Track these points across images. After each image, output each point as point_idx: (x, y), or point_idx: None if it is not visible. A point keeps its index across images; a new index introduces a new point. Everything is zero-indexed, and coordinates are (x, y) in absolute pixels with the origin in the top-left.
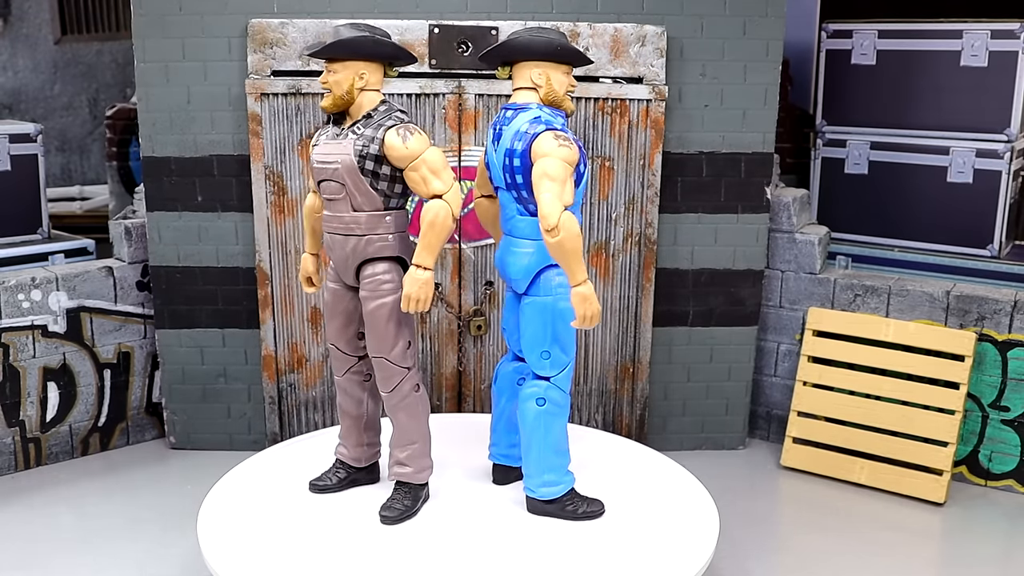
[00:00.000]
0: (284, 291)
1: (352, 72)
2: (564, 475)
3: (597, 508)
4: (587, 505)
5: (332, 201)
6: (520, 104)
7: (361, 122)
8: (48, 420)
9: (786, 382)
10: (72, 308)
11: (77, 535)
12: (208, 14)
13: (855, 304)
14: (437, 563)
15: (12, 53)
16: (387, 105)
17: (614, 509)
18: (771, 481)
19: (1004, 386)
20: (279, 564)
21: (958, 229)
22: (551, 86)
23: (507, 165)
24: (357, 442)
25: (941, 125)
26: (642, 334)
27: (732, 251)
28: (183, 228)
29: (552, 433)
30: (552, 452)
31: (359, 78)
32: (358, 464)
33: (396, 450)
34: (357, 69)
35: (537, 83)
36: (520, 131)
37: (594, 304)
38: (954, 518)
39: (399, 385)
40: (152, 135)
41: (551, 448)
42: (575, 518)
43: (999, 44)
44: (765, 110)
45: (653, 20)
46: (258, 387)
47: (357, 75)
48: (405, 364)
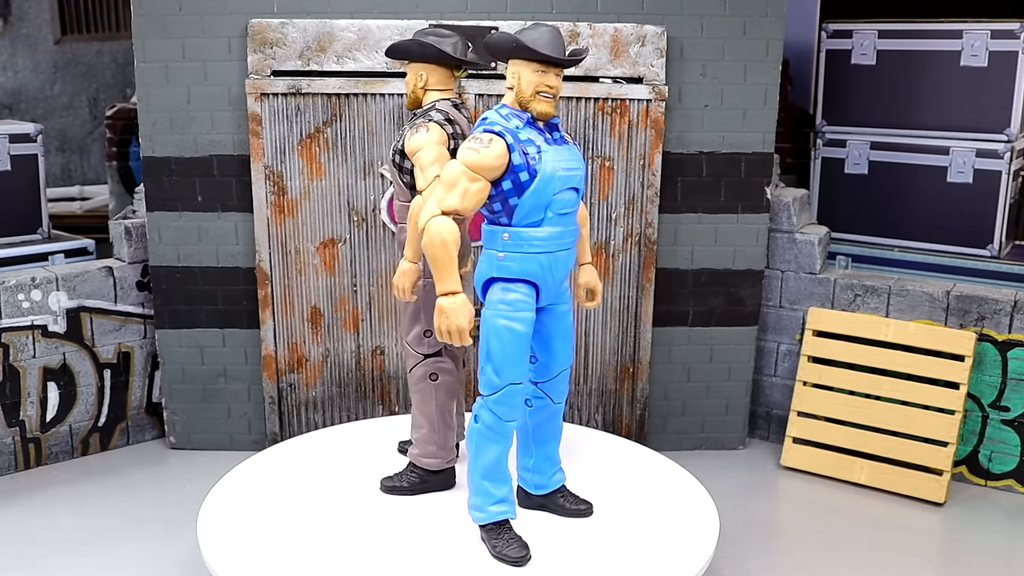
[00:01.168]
0: (284, 291)
1: (414, 73)
2: (491, 504)
3: (519, 555)
4: (510, 547)
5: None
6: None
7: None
8: (48, 420)
9: (786, 382)
10: (72, 308)
11: (77, 535)
12: (208, 14)
13: (855, 304)
14: (437, 563)
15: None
16: (434, 103)
17: (614, 509)
18: (771, 481)
19: (1004, 386)
20: (279, 564)
21: (958, 229)
22: (519, 86)
23: None
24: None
25: (941, 125)
26: (642, 334)
27: (732, 251)
28: (183, 228)
29: (482, 456)
30: (480, 475)
31: (419, 78)
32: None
33: (412, 429)
34: (417, 70)
35: (510, 83)
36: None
37: (452, 320)
38: (954, 518)
39: (413, 369)
40: (152, 135)
41: (479, 471)
42: (492, 554)
43: (999, 44)
44: (765, 110)
45: (653, 20)
46: (258, 387)
47: (417, 76)
48: (420, 350)
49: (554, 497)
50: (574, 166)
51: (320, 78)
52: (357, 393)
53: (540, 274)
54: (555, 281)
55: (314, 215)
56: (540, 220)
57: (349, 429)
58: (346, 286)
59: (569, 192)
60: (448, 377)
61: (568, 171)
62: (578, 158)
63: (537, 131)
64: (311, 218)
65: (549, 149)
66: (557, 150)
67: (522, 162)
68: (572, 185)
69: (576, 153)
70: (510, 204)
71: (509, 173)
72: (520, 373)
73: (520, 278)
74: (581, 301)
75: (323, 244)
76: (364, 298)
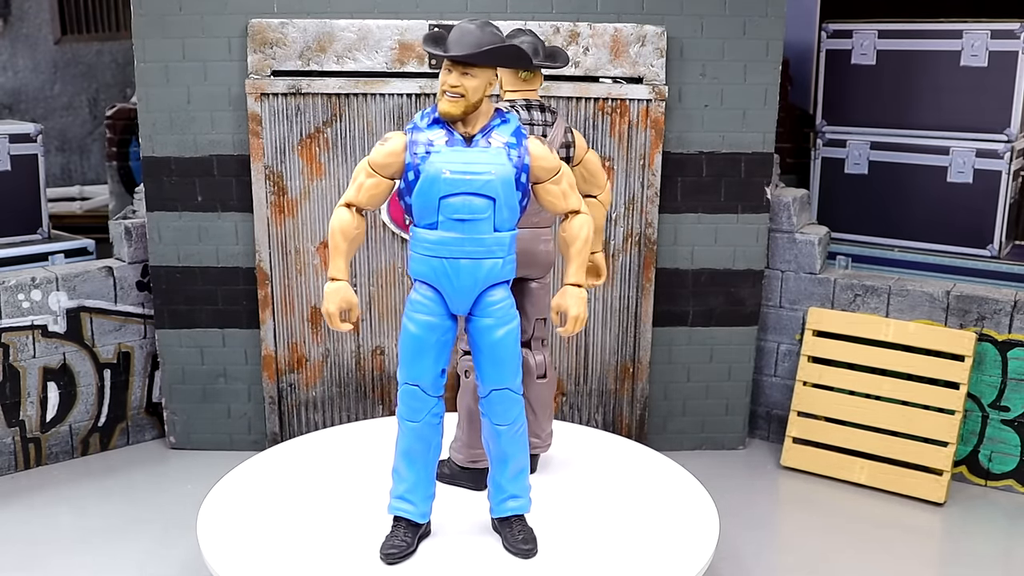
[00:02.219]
0: (284, 291)
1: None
2: (393, 496)
3: (389, 551)
4: (390, 542)
5: None
6: None
7: None
8: (48, 420)
9: (786, 382)
10: (72, 308)
11: (77, 535)
12: (208, 14)
13: (855, 304)
14: (436, 562)
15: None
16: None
17: (614, 509)
18: (771, 481)
19: (1004, 386)
20: (279, 564)
21: (958, 229)
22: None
23: None
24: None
25: (941, 125)
26: (642, 334)
27: (732, 251)
28: (183, 228)
29: (396, 444)
30: (394, 463)
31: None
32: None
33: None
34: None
35: None
36: None
37: (324, 304)
38: (954, 518)
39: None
40: (152, 135)
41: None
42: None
43: (999, 44)
44: (765, 110)
45: (653, 20)
46: (258, 387)
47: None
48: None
49: (503, 525)
50: (476, 171)
51: (320, 78)
52: (357, 393)
53: (435, 278)
54: (458, 290)
55: (314, 215)
56: (434, 223)
57: (349, 429)
58: None
59: (463, 197)
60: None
61: (461, 174)
62: (493, 163)
63: (445, 131)
64: (311, 218)
65: (445, 150)
66: (459, 152)
67: (411, 161)
68: (468, 190)
69: (494, 158)
70: (407, 202)
71: (404, 171)
72: (414, 375)
73: (420, 279)
74: (555, 323)
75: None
76: (364, 298)
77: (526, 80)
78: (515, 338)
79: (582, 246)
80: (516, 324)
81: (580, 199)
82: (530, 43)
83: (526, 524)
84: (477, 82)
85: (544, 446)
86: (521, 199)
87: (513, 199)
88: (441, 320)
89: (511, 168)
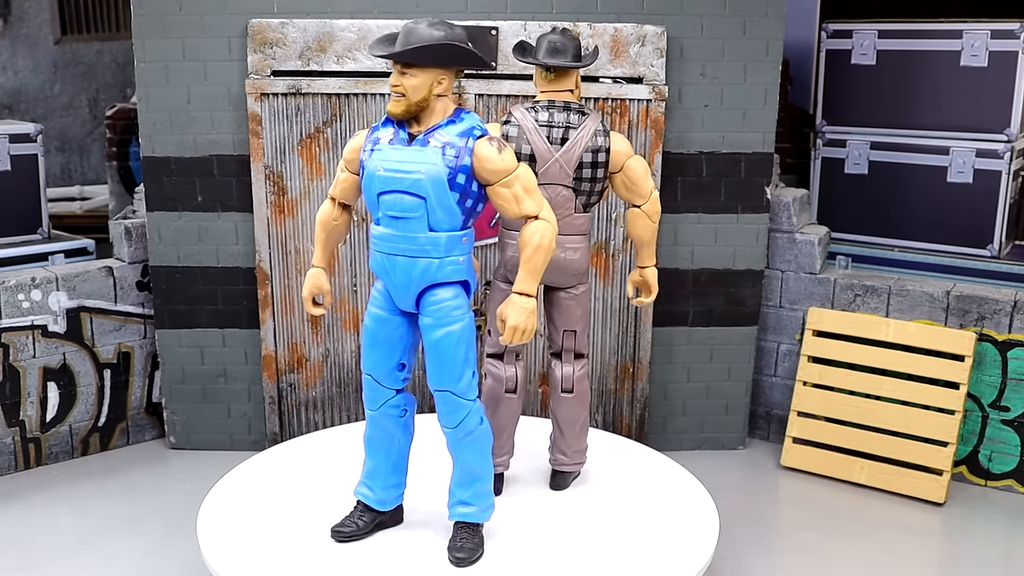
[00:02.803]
0: (284, 291)
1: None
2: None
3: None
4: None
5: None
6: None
7: None
8: (48, 420)
9: (786, 382)
10: (72, 308)
11: (77, 535)
12: (208, 14)
13: (855, 304)
14: (436, 562)
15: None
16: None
17: (614, 509)
18: (771, 481)
19: (1004, 386)
20: (279, 564)
21: (958, 229)
22: None
23: None
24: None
25: (941, 125)
26: (642, 334)
27: (732, 251)
28: (183, 228)
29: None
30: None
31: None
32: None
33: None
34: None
35: None
36: None
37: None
38: (954, 518)
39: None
40: (152, 135)
41: None
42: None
43: (999, 44)
44: (765, 110)
45: (653, 20)
46: (258, 387)
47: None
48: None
49: (454, 528)
50: (406, 169)
51: (320, 78)
52: (357, 393)
53: (382, 273)
54: (396, 287)
55: (314, 215)
56: (377, 219)
57: (349, 429)
58: (346, 286)
59: (395, 195)
60: (491, 381)
61: (393, 172)
62: (425, 163)
63: (394, 129)
64: (311, 218)
65: (386, 148)
66: (397, 150)
67: (362, 157)
68: (398, 188)
69: (427, 157)
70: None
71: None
72: (367, 365)
73: (375, 272)
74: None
75: None
76: (364, 298)
77: (551, 80)
78: (456, 341)
79: (532, 253)
80: (461, 327)
81: (539, 204)
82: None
83: (473, 534)
84: (417, 81)
85: (571, 464)
86: (461, 200)
87: (447, 200)
88: (390, 315)
89: (443, 168)
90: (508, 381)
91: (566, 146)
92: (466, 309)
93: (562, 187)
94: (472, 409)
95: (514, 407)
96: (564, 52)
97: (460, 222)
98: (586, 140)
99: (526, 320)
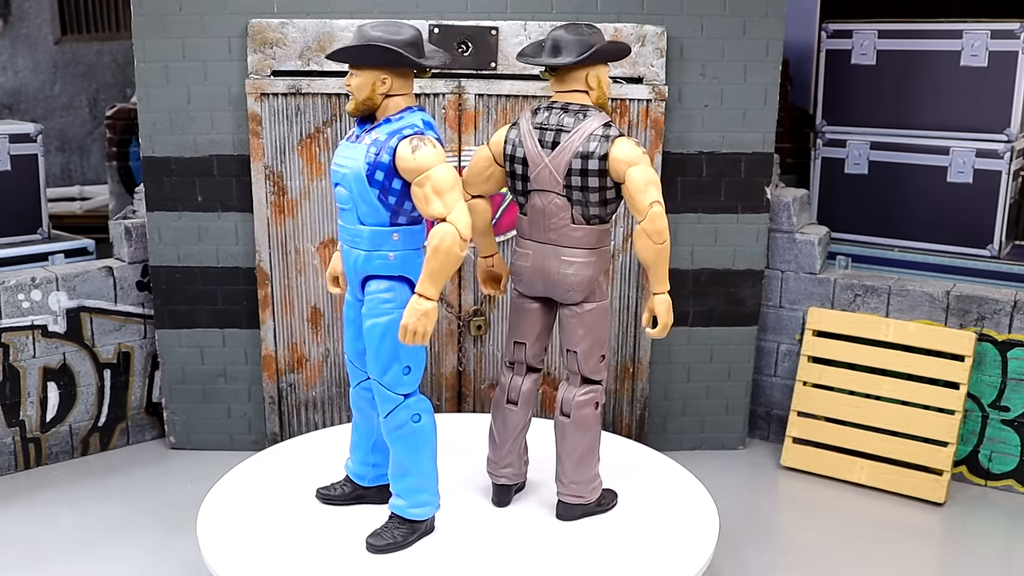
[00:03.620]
0: (284, 291)
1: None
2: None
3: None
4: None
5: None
6: None
7: None
8: (48, 420)
9: (786, 382)
10: (72, 308)
11: (77, 535)
12: (208, 14)
13: (855, 304)
14: (436, 562)
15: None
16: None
17: (615, 509)
18: (771, 481)
19: (1004, 386)
20: (279, 565)
21: (958, 229)
22: None
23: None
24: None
25: (941, 125)
26: (642, 334)
27: (732, 251)
28: (183, 228)
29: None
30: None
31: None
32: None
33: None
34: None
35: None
36: None
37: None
38: (954, 518)
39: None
40: (152, 135)
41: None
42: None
43: (999, 44)
44: (765, 110)
45: (653, 20)
46: (258, 387)
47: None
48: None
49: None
50: (341, 163)
51: (320, 78)
52: None
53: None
54: (347, 273)
55: (314, 215)
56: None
57: (349, 429)
58: None
59: (336, 188)
60: (496, 389)
61: (336, 166)
62: (353, 158)
63: (358, 128)
64: (311, 218)
65: (344, 145)
66: (348, 146)
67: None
68: (335, 180)
69: (356, 153)
70: None
71: None
72: (345, 345)
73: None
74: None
75: (323, 244)
76: None
77: (555, 81)
78: (381, 333)
79: (430, 255)
80: (387, 321)
81: (449, 207)
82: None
83: (400, 525)
84: (359, 81)
85: (567, 495)
86: (382, 196)
87: (368, 195)
88: (355, 300)
89: (363, 164)
90: (510, 391)
91: (556, 150)
92: (397, 304)
93: (554, 194)
94: (402, 404)
95: (515, 419)
96: (566, 49)
97: (386, 218)
98: (576, 144)
99: (416, 322)
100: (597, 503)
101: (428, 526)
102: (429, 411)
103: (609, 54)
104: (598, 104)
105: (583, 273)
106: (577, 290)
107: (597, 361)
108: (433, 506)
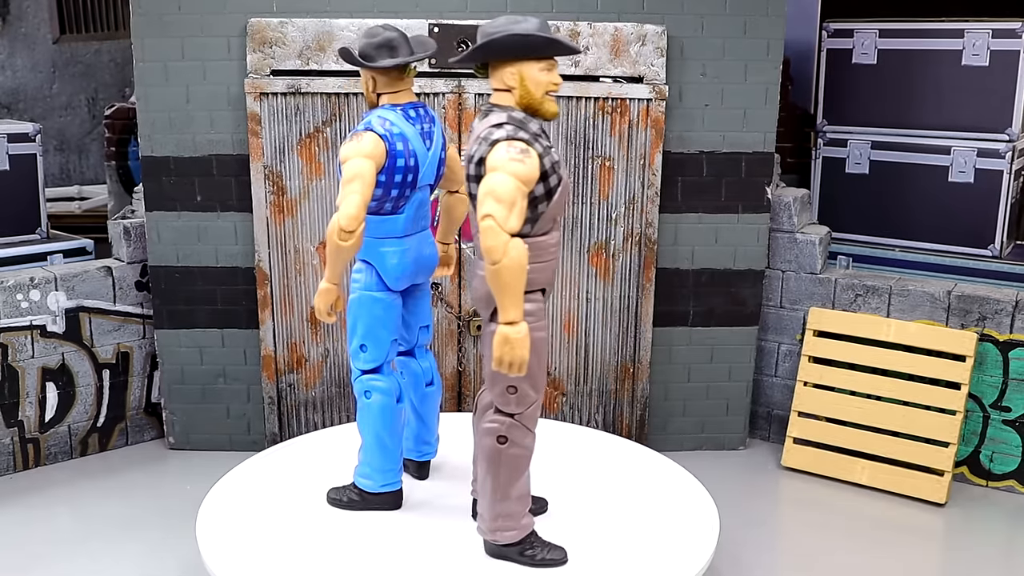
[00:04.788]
0: (283, 291)
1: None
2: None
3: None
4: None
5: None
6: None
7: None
8: (47, 420)
9: (787, 382)
10: (71, 308)
11: (76, 536)
12: (207, 14)
13: (856, 304)
14: (435, 562)
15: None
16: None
17: (614, 509)
18: (771, 481)
19: (1005, 386)
20: (278, 565)
21: (959, 229)
22: None
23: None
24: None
25: (942, 125)
26: (642, 334)
27: (732, 251)
28: (182, 228)
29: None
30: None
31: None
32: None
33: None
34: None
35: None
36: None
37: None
38: (955, 519)
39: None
40: (151, 135)
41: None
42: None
43: (1000, 43)
44: (766, 110)
45: (653, 19)
46: (257, 387)
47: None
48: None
49: None
50: None
51: (320, 78)
52: None
53: None
54: None
55: (313, 215)
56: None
57: (349, 429)
58: (345, 286)
59: None
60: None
61: None
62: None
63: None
64: (310, 218)
65: None
66: None
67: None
68: None
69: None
70: None
71: None
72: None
73: None
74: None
75: (322, 244)
76: None
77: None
78: (348, 309)
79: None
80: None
81: (341, 197)
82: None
83: (351, 488)
84: (361, 80)
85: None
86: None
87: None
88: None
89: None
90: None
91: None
92: (362, 285)
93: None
94: (358, 378)
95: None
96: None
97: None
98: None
99: (317, 299)
100: (519, 552)
101: (386, 500)
102: (387, 393)
103: (496, 51)
104: (523, 104)
105: (483, 288)
106: (480, 304)
107: (504, 391)
108: (377, 482)
